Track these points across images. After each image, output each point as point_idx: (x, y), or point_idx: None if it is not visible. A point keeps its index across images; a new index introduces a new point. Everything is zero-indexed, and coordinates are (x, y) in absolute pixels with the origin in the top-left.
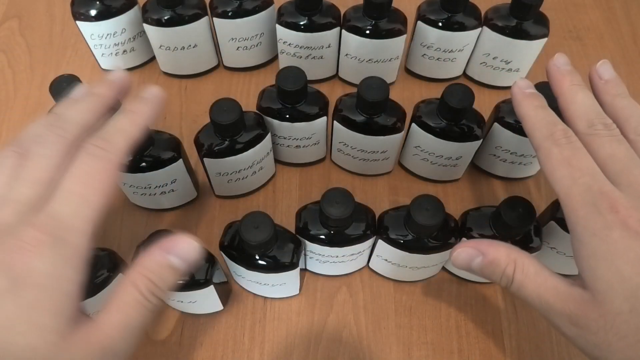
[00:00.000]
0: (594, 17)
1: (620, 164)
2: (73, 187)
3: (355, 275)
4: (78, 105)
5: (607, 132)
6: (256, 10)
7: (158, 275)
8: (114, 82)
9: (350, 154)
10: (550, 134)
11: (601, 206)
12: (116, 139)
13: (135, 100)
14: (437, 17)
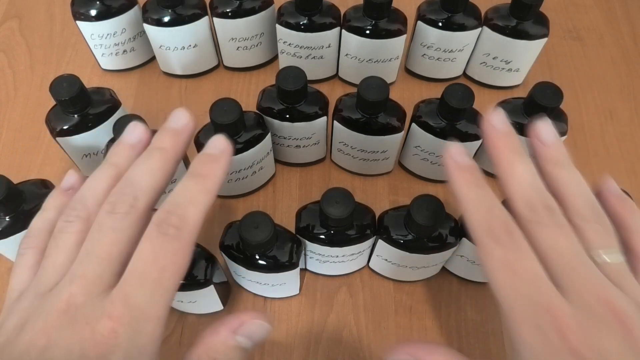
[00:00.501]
0: (594, 17)
1: (564, 261)
2: (147, 271)
3: (355, 275)
4: (147, 165)
5: (551, 220)
6: (256, 10)
7: (225, 356)
8: (179, 132)
9: (350, 153)
10: (489, 227)
11: (547, 328)
12: (190, 214)
13: (205, 160)
14: (437, 17)
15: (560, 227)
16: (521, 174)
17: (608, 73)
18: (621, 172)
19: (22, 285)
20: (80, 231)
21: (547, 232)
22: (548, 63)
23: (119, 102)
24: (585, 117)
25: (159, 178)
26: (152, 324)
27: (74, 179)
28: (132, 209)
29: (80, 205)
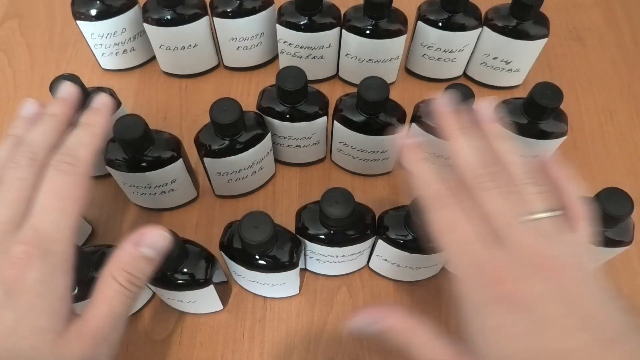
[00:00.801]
0: (594, 17)
1: (504, 220)
2: (50, 203)
3: (355, 275)
4: (40, 128)
5: (493, 184)
6: (256, 10)
7: (134, 266)
8: (66, 99)
9: (350, 153)
10: (435, 194)
11: (485, 279)
12: (80, 153)
13: (89, 113)
14: (437, 17)
15: (501, 190)
16: (467, 146)
17: (608, 73)
18: (621, 172)
19: None
20: None
21: (488, 195)
22: (548, 63)
23: (119, 102)
24: (585, 117)
25: (53, 136)
26: (61, 245)
27: None
28: (31, 161)
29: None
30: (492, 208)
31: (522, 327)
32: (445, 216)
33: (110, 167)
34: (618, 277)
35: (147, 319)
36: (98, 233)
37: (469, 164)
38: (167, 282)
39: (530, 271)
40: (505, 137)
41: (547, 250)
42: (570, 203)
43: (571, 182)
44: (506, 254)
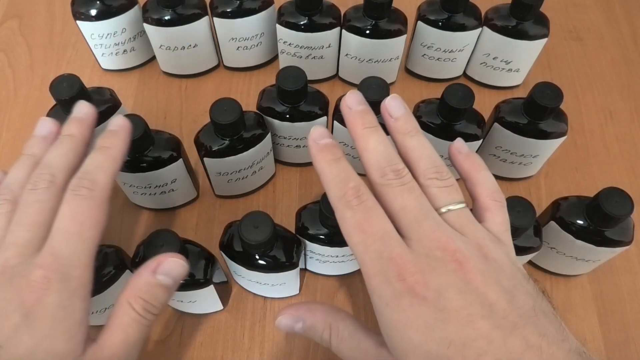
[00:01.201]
0: (594, 17)
1: (410, 216)
2: (68, 227)
3: (355, 275)
4: (59, 150)
5: (399, 182)
6: (256, 10)
7: (150, 294)
8: (83, 119)
9: (351, 154)
10: (342, 194)
11: (390, 274)
12: (98, 177)
13: (107, 135)
14: (437, 17)
15: (407, 187)
16: (373, 145)
17: (608, 73)
18: (621, 172)
19: None
20: (8, 212)
21: (395, 193)
22: (548, 63)
23: (119, 102)
24: (585, 117)
25: (71, 158)
26: (79, 270)
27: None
28: (51, 184)
29: (6, 191)
30: (399, 205)
31: (426, 318)
32: (351, 217)
33: None
34: (618, 277)
35: None
36: None
37: (376, 162)
38: None
39: (434, 264)
40: (414, 132)
41: (451, 242)
42: (479, 194)
43: (481, 173)
44: (411, 249)
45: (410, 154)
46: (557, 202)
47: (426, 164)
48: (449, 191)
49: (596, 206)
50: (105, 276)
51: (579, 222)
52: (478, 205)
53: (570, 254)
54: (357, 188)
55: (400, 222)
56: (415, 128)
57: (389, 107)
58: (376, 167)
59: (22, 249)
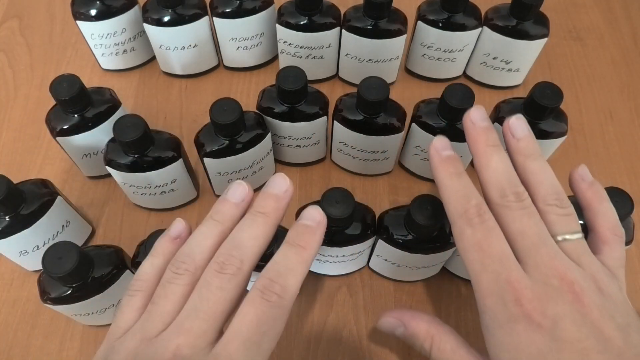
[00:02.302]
0: (594, 17)
1: (528, 241)
2: (250, 334)
3: (355, 275)
4: (252, 231)
5: (518, 205)
6: (256, 10)
7: None
8: (281, 199)
9: (350, 153)
10: (463, 210)
11: (507, 298)
12: (290, 284)
13: (302, 230)
14: (437, 17)
15: (527, 211)
16: (495, 164)
17: (608, 73)
18: (621, 172)
19: (127, 324)
20: (187, 284)
21: (514, 215)
22: (548, 63)
23: (119, 102)
24: (585, 117)
25: (262, 243)
26: None
27: (182, 227)
28: (238, 271)
29: (189, 259)
30: (517, 228)
31: (540, 346)
32: (471, 235)
33: (110, 167)
34: None
35: None
36: (98, 233)
37: (497, 181)
38: None
39: (551, 293)
40: (536, 155)
41: (569, 273)
42: (599, 226)
43: (604, 204)
44: (528, 275)
45: (530, 177)
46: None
47: (547, 190)
48: (567, 220)
49: None
50: (106, 276)
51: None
52: (596, 237)
53: None
54: (479, 206)
55: (517, 245)
56: (537, 151)
57: (512, 127)
58: (497, 186)
59: (196, 340)
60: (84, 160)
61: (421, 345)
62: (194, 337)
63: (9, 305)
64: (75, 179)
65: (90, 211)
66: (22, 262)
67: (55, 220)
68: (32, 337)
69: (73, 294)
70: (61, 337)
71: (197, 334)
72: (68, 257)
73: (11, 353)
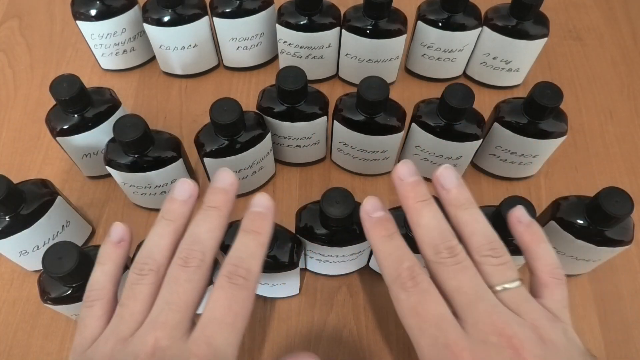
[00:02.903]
0: (594, 17)
1: (465, 298)
2: (224, 317)
3: (355, 275)
4: (208, 225)
5: (452, 260)
6: (256, 10)
7: None
8: (228, 191)
9: (350, 153)
10: (397, 275)
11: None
12: (253, 267)
13: (254, 217)
14: (437, 17)
15: (461, 266)
16: (426, 220)
17: (608, 73)
18: (621, 172)
19: (94, 334)
20: (153, 283)
21: (449, 272)
22: (548, 63)
23: (119, 102)
24: (585, 117)
25: (218, 235)
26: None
27: (122, 230)
28: (202, 262)
29: (151, 260)
30: (453, 285)
31: None
32: (405, 299)
33: (110, 167)
34: (618, 277)
35: None
36: (98, 233)
37: (430, 238)
38: None
39: (490, 350)
40: (467, 204)
41: (507, 328)
42: (538, 270)
43: (541, 246)
44: (467, 333)
45: (463, 229)
46: (557, 202)
47: (479, 240)
48: (503, 269)
49: (596, 206)
50: None
51: (579, 221)
52: (536, 281)
53: (571, 253)
54: (412, 268)
55: (455, 302)
56: (468, 200)
57: (441, 178)
58: (429, 244)
59: (172, 331)
60: (84, 160)
61: None
62: (170, 329)
63: (9, 305)
64: (75, 179)
65: (90, 211)
66: (22, 262)
67: (55, 220)
68: (32, 337)
69: (73, 294)
70: (61, 337)
71: (172, 326)
72: (68, 257)
73: (11, 353)
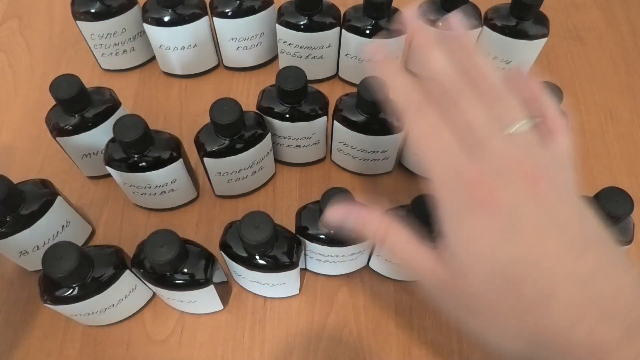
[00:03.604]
0: (594, 17)
1: (484, 129)
2: None
3: (355, 275)
4: None
5: (472, 93)
6: (256, 10)
7: None
8: None
9: (350, 153)
10: (414, 101)
11: (460, 187)
12: None
13: None
14: (437, 17)
15: (480, 100)
16: (438, 58)
17: (608, 73)
18: (621, 172)
19: None
20: None
21: (468, 104)
22: (548, 63)
23: (119, 102)
24: (585, 117)
25: None
26: None
27: None
28: None
29: None
30: (472, 117)
31: (496, 232)
32: (424, 122)
33: (110, 167)
34: None
35: (147, 319)
36: (98, 233)
37: (446, 73)
38: (167, 282)
39: (508, 179)
40: (478, 50)
41: (526, 160)
42: (548, 115)
43: (547, 94)
44: (485, 161)
45: (478, 69)
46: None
47: (497, 79)
48: (514, 110)
49: (596, 206)
50: (106, 276)
51: None
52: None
53: None
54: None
55: (473, 133)
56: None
57: (452, 23)
58: (447, 78)
59: None
60: (84, 160)
61: (373, 234)
62: None
63: (9, 305)
64: (75, 179)
65: (90, 211)
66: (22, 262)
67: (55, 220)
68: (32, 337)
69: (73, 294)
70: (61, 337)
71: None
72: (68, 257)
73: (11, 353)
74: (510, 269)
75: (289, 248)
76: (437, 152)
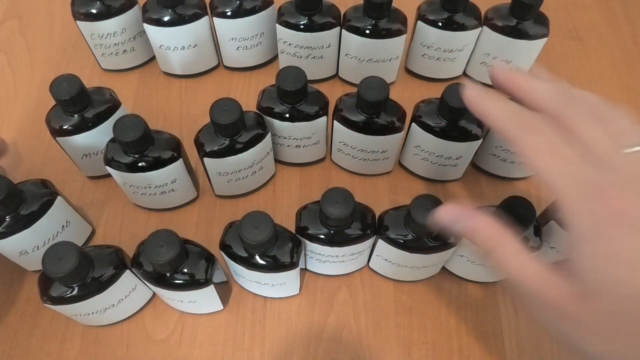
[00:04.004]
0: (594, 17)
1: (606, 147)
2: None
3: (355, 275)
4: None
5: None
6: (256, 10)
7: None
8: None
9: (350, 153)
10: (521, 123)
11: (597, 197)
12: None
13: None
14: (437, 17)
15: (586, 123)
16: (542, 85)
17: (608, 73)
18: None
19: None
20: None
21: (583, 124)
22: (548, 63)
23: (119, 102)
24: None
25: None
26: None
27: None
28: None
29: None
30: (588, 136)
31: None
32: (542, 139)
33: (110, 167)
34: None
35: (147, 319)
36: (98, 233)
37: (550, 97)
38: (167, 282)
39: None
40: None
41: None
42: None
43: None
44: (615, 175)
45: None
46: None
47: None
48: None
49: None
50: (106, 276)
51: None
52: None
53: None
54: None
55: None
56: None
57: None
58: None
59: None
60: (84, 160)
61: (483, 244)
62: None
63: (9, 305)
64: (75, 179)
65: (90, 211)
66: (22, 262)
67: (55, 220)
68: (32, 337)
69: (73, 294)
70: (61, 337)
71: None
72: (68, 257)
73: (11, 353)
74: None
75: (289, 248)
76: (562, 167)
